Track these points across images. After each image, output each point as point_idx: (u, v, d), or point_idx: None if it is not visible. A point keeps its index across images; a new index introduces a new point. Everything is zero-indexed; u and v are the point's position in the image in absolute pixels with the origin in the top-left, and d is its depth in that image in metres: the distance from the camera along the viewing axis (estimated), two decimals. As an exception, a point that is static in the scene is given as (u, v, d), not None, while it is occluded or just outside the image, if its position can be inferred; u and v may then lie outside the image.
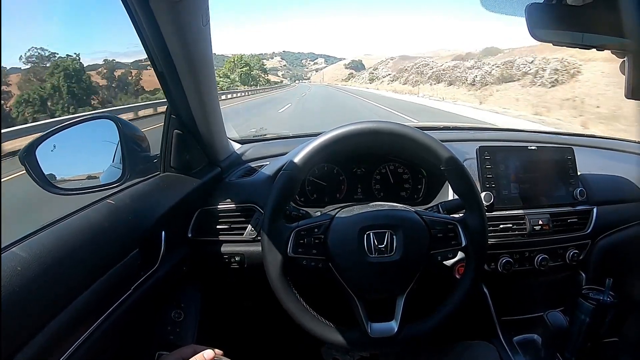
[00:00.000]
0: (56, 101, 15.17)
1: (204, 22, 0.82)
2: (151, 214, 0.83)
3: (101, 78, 19.62)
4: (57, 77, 15.75)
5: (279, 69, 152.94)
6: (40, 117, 13.40)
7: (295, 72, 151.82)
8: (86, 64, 17.75)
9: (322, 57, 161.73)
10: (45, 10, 39.32)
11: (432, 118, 12.04)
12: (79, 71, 16.19)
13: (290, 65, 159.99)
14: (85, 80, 16.55)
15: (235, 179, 1.12)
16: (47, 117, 13.52)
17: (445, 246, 0.81)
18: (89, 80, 17.14)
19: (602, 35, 0.53)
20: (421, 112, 12.60)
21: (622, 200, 1.16)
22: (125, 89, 20.27)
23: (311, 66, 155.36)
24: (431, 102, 19.52)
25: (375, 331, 0.78)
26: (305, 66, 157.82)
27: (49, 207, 1.02)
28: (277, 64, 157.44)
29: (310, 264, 0.78)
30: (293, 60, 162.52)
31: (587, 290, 0.95)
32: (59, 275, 0.58)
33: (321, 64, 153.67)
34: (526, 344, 1.08)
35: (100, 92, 17.84)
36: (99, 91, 18.05)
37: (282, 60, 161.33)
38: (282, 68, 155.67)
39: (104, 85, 19.26)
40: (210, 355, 0.71)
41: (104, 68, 19.86)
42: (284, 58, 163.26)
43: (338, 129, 0.79)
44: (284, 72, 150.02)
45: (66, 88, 15.47)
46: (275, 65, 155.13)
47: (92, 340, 0.61)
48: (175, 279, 0.92)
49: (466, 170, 0.81)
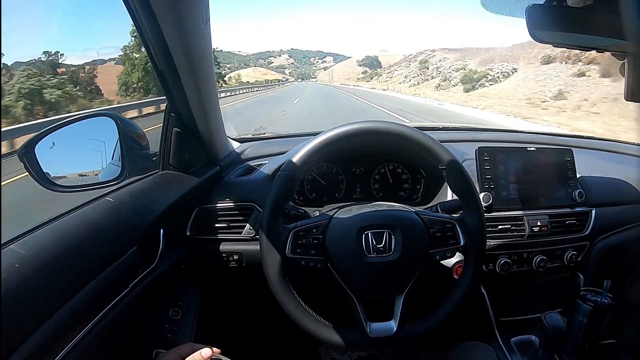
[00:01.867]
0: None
1: (204, 20, 0.82)
2: (150, 212, 0.83)
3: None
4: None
5: (287, 67, 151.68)
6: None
7: (303, 70, 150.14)
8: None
9: (330, 55, 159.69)
10: (45, 10, 39.32)
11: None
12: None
13: (298, 64, 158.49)
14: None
15: (234, 177, 1.12)
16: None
17: (444, 245, 0.81)
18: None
19: (602, 37, 0.53)
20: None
21: (621, 202, 1.16)
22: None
23: (319, 64, 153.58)
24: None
25: (374, 331, 0.78)
26: (314, 64, 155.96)
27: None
28: (284, 61, 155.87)
29: (308, 264, 0.78)
30: (301, 59, 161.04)
31: (585, 291, 0.95)
32: (57, 272, 0.58)
33: (330, 62, 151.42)
34: (524, 345, 1.08)
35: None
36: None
37: (289, 58, 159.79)
38: (289, 66, 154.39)
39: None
40: (208, 354, 0.71)
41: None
42: (291, 56, 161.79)
43: (338, 128, 0.79)
44: (291, 70, 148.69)
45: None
46: (282, 63, 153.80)
47: (89, 337, 0.61)
48: (173, 277, 0.92)
49: (465, 170, 0.81)
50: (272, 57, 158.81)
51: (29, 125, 6.98)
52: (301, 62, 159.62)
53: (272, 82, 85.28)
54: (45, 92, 13.70)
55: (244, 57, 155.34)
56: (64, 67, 20.35)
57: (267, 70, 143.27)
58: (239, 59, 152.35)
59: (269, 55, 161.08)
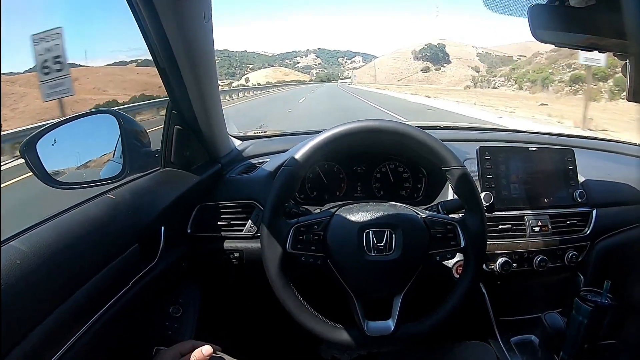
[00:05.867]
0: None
1: (207, 18, 0.82)
2: (151, 210, 0.83)
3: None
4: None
5: (313, 67, 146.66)
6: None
7: (331, 70, 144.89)
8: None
9: (359, 55, 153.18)
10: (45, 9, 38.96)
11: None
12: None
13: (326, 64, 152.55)
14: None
15: (235, 175, 1.13)
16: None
17: (444, 247, 0.81)
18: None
19: (604, 37, 0.53)
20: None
21: (622, 202, 1.15)
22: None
23: (348, 65, 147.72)
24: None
25: (372, 329, 0.78)
26: (342, 64, 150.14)
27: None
28: (311, 62, 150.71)
29: (308, 260, 0.79)
30: (329, 59, 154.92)
31: (586, 292, 0.95)
32: (57, 269, 0.58)
33: (359, 62, 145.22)
34: (524, 344, 1.08)
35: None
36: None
37: (316, 58, 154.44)
38: (316, 66, 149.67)
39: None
40: (209, 351, 0.71)
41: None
42: (318, 56, 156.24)
43: (340, 126, 0.79)
44: (319, 71, 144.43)
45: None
46: (309, 64, 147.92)
47: (90, 334, 0.61)
48: (174, 274, 0.93)
49: (469, 174, 0.81)
50: (299, 57, 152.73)
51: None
52: (329, 62, 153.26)
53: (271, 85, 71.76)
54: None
55: (269, 58, 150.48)
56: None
57: (289, 71, 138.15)
58: (263, 59, 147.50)
59: (295, 55, 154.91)
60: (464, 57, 63.78)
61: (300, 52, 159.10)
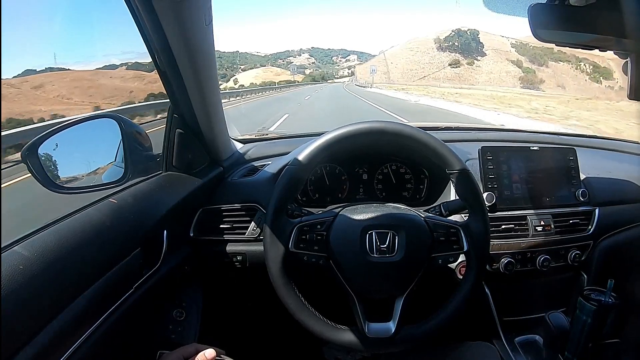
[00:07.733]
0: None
1: (207, 21, 0.82)
2: (153, 214, 0.83)
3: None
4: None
5: (307, 67, 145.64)
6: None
7: (325, 70, 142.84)
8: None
9: (354, 53, 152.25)
10: (45, 8, 39.12)
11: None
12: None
13: (320, 63, 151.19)
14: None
15: (238, 178, 1.13)
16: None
17: (447, 250, 0.81)
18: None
19: (605, 35, 0.53)
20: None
21: (624, 201, 1.15)
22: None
23: (343, 63, 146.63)
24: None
25: (372, 331, 0.78)
26: (337, 64, 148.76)
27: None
28: (305, 61, 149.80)
29: (310, 260, 0.79)
30: (323, 58, 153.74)
31: (589, 291, 0.95)
32: (60, 274, 0.58)
33: (354, 61, 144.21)
34: (528, 344, 1.07)
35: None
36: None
37: (310, 58, 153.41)
38: (310, 66, 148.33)
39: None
40: (212, 354, 0.71)
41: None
42: (312, 55, 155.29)
43: (343, 128, 0.79)
44: (312, 70, 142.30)
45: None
46: (303, 63, 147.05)
47: (93, 339, 0.61)
48: (176, 278, 0.93)
49: (474, 178, 0.81)
50: (292, 57, 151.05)
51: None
52: (323, 62, 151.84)
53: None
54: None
55: (261, 58, 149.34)
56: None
57: (281, 71, 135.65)
58: (256, 59, 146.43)
59: (288, 55, 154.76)
60: (500, 47, 50.41)
61: (293, 51, 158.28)
